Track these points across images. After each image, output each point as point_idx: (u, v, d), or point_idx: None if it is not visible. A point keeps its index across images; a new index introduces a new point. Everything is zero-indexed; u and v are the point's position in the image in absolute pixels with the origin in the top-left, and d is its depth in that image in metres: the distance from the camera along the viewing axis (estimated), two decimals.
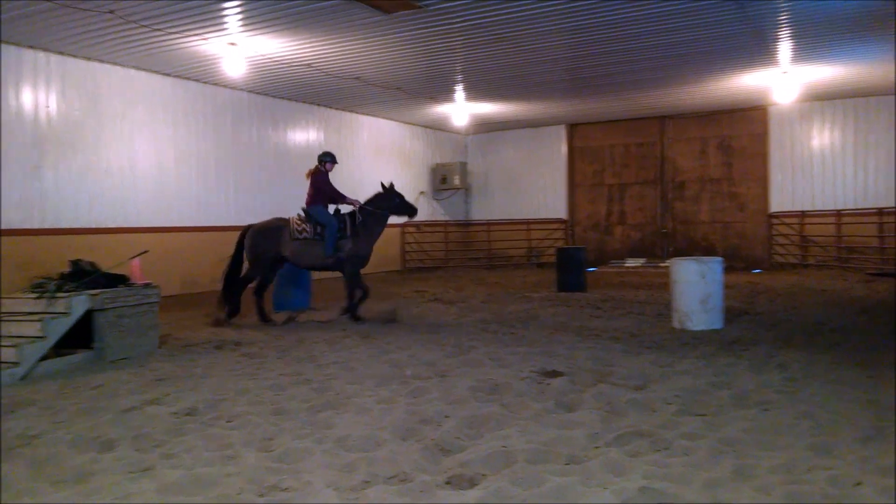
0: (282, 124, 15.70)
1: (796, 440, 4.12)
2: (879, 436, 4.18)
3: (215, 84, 13.85)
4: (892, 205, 16.24)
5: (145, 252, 8.12)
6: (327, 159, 10.12)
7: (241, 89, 14.40)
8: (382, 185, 10.15)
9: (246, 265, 9.74)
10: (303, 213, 9.87)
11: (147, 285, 7.50)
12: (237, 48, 11.11)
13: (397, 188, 10.29)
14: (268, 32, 10.49)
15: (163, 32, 10.37)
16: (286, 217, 10.01)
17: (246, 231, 9.79)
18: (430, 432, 4.41)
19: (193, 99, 13.68)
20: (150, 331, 7.46)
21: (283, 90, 14.76)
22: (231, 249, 9.79)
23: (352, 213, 9.89)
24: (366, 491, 3.53)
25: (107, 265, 7.82)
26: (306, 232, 9.58)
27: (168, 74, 13.02)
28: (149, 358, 7.10)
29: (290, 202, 15.71)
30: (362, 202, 9.95)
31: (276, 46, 11.24)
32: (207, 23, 9.98)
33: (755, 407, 4.87)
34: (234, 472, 3.81)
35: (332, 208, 9.96)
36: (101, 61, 11.94)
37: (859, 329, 8.12)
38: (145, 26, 10.06)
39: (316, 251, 9.58)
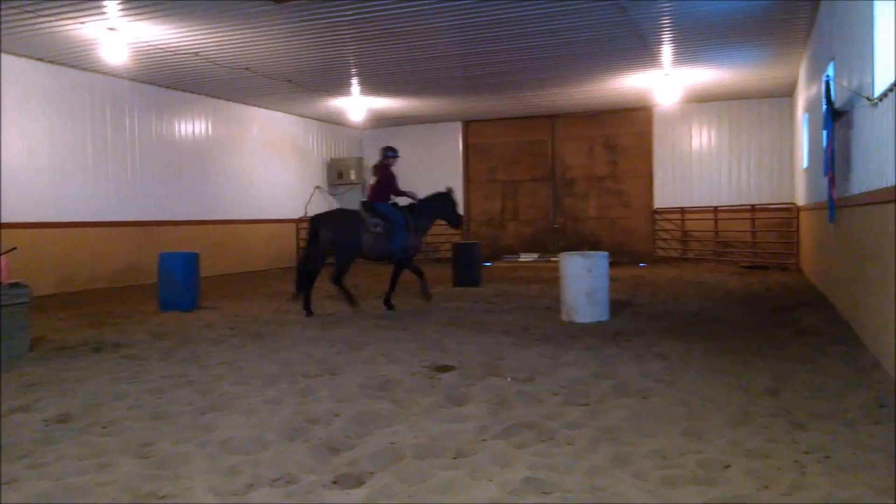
0: (166, 115, 15.07)
1: (671, 426, 4.32)
2: (747, 420, 4.43)
3: (94, 71, 13.13)
4: (763, 202, 17.37)
5: (14, 249, 7.61)
6: (390, 154, 10.27)
7: (123, 77, 13.72)
8: (449, 188, 10.67)
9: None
10: (366, 207, 9.89)
11: (15, 285, 7.00)
12: (117, 33, 10.57)
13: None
14: (150, 18, 10.04)
15: (34, 14, 9.73)
16: (352, 209, 10.03)
17: (319, 221, 9.60)
18: (319, 431, 4.34)
19: (69, 86, 12.91)
20: (19, 333, 6.96)
21: (168, 79, 14.16)
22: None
23: (409, 207, 10.13)
24: (249, 494, 3.43)
25: None
26: (379, 227, 9.66)
27: (41, 59, 12.23)
28: (18, 362, 6.63)
29: (175, 195, 15.17)
30: (420, 198, 10.35)
31: (159, 33, 10.76)
32: (84, 5, 9.44)
33: (635, 395, 5.07)
34: (108, 481, 3.61)
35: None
36: None
37: (733, 319, 8.61)
38: (14, 7, 9.41)
39: (383, 245, 9.74)
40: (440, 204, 10.50)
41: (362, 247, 9.69)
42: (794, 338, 7.17)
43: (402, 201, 10.32)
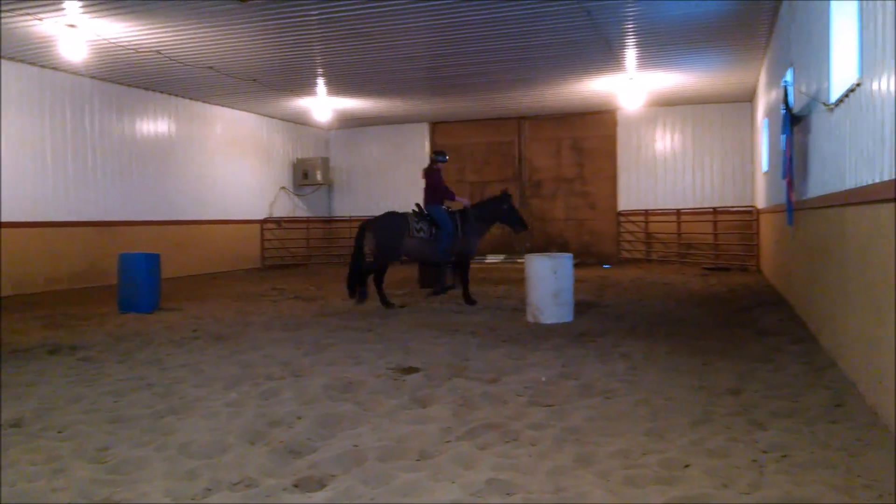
0: (128, 113, 14.79)
1: (634, 426, 4.35)
2: (708, 419, 4.48)
3: (53, 68, 12.84)
4: (725, 205, 17.66)
5: None
6: (440, 158, 10.50)
7: (83, 75, 13.44)
8: (505, 191, 10.73)
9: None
10: (417, 211, 10.27)
11: None
12: (77, 30, 10.35)
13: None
14: (111, 15, 9.85)
15: None
16: (402, 212, 10.32)
17: (365, 227, 10.09)
18: (281, 434, 4.28)
19: (27, 83, 12.60)
20: None
21: (129, 77, 13.91)
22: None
23: (462, 212, 10.37)
24: (207, 498, 3.37)
25: None
26: (423, 232, 9.97)
27: None
28: None
29: (136, 195, 14.90)
30: (471, 204, 10.63)
31: (120, 30, 10.57)
32: (43, 1, 9.22)
33: (599, 396, 5.10)
34: (62, 487, 3.52)
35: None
36: None
37: (695, 319, 8.72)
38: None
39: (426, 249, 10.09)
40: (496, 208, 10.56)
41: (403, 250, 10.09)
42: (754, 338, 7.28)
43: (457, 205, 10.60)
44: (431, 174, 10.48)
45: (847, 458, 3.71)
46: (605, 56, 12.70)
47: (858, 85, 5.05)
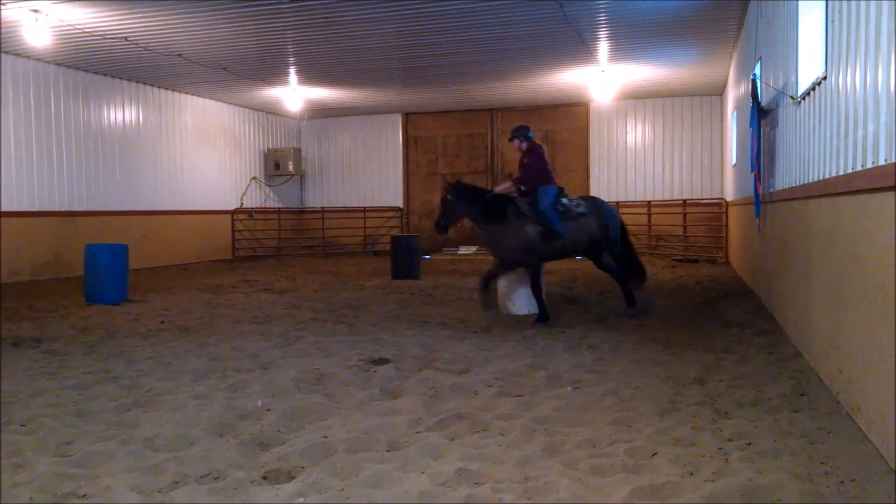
0: (94, 101, 14.49)
1: (601, 416, 4.39)
2: (674, 409, 4.54)
3: (16, 54, 12.54)
4: (694, 197, 17.85)
5: None
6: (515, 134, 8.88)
7: (48, 61, 13.14)
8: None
9: None
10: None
11: None
12: (41, 15, 10.11)
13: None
14: (77, 0, 9.63)
15: None
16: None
17: None
18: (249, 427, 4.25)
19: None
20: None
21: (95, 64, 13.63)
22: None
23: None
24: (173, 492, 3.33)
25: None
26: None
27: None
28: None
29: (103, 185, 14.64)
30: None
31: (86, 16, 10.34)
32: None
33: (568, 386, 5.13)
34: (24, 482, 3.46)
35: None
36: None
37: (663, 310, 8.80)
38: None
39: None
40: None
41: None
42: (720, 329, 7.37)
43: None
44: None
45: (808, 446, 3.78)
46: (577, 48, 12.74)
47: (824, 78, 5.12)
